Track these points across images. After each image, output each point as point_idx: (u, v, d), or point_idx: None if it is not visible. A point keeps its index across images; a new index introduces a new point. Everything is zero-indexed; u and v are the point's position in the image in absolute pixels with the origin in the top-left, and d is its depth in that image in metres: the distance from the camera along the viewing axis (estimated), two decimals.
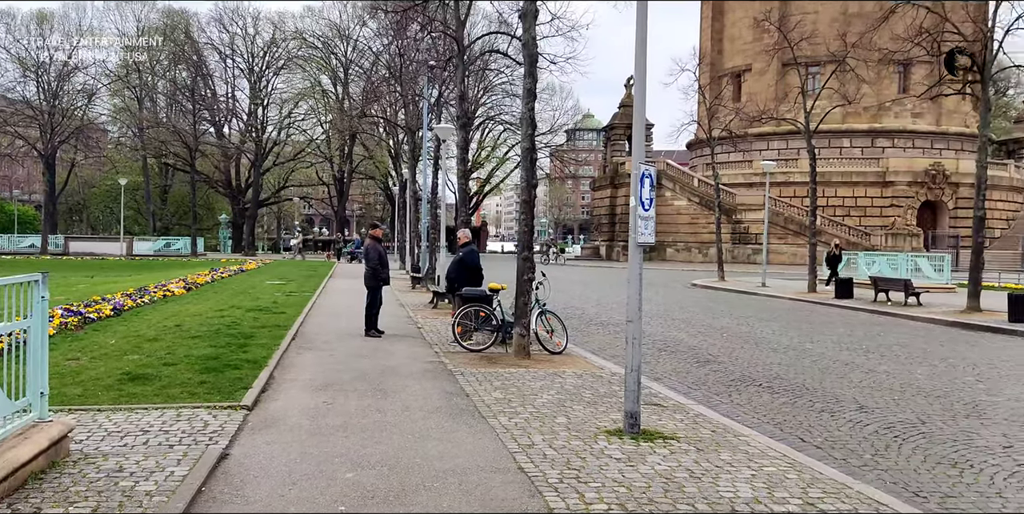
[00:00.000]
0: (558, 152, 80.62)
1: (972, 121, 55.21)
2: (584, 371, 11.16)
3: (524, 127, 12.23)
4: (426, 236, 28.32)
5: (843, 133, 57.39)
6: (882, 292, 25.33)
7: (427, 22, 20.79)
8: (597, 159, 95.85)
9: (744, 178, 57.73)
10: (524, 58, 12.41)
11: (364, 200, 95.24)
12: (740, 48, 62.34)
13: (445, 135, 23.53)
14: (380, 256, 15.27)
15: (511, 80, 60.24)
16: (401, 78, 30.10)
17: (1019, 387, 11.08)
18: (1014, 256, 50.58)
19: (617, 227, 64.11)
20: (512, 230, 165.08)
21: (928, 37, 23.93)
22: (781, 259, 51.09)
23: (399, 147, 41.01)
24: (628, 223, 7.82)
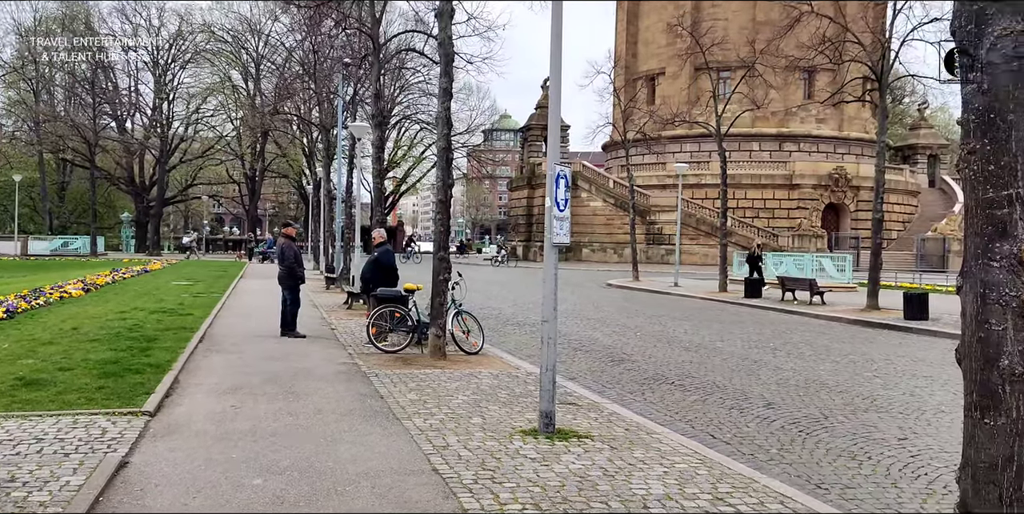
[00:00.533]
0: (475, 152, 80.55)
1: (871, 127, 57.52)
2: (500, 371, 11.14)
3: (440, 126, 12.14)
4: (340, 236, 27.90)
5: (752, 137, 59.06)
6: (789, 291, 26.13)
7: (342, 19, 20.45)
8: (514, 160, 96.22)
9: (658, 180, 58.83)
10: (440, 57, 12.32)
11: (277, 199, 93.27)
12: (654, 52, 63.50)
13: (360, 133, 23.21)
14: (296, 255, 15.00)
15: (428, 79, 59.80)
16: (315, 75, 29.56)
17: (913, 381, 11.55)
18: (909, 256, 52.95)
19: (534, 227, 64.49)
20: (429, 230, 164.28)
21: (830, 46, 24.85)
22: (693, 259, 52.24)
23: (313, 145, 40.31)
24: (544, 223, 7.82)
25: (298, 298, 14.86)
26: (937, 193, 65.75)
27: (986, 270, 3.18)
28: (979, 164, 3.07)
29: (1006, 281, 3.13)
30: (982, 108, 3.05)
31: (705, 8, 59.53)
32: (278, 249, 15.36)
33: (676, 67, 56.37)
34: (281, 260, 14.91)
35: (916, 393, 10.62)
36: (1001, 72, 2.99)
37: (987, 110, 3.03)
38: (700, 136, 53.99)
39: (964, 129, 3.18)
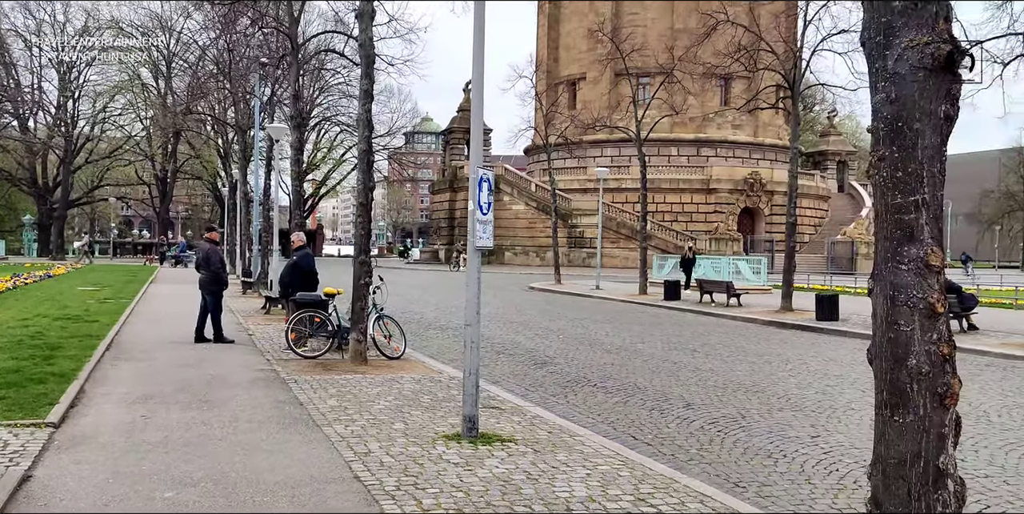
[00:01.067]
0: (396, 155, 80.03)
1: (784, 134, 59.32)
2: (423, 376, 11.05)
3: (361, 129, 11.99)
4: (258, 239, 27.30)
5: (671, 142, 60.17)
6: (707, 294, 26.70)
7: (258, 17, 19.99)
8: (436, 163, 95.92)
9: (579, 184, 59.41)
10: (361, 59, 12.17)
11: (190, 201, 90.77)
12: (575, 57, 64.14)
13: (278, 135, 22.75)
14: (222, 259, 14.70)
15: (348, 81, 59.19)
16: (230, 74, 28.83)
17: (825, 381, 11.92)
18: (821, 259, 54.76)
19: (456, 231, 64.37)
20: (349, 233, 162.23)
21: (746, 54, 25.53)
22: (614, 262, 52.91)
23: (229, 146, 39.33)
24: (467, 227, 7.80)
25: (220, 304, 14.53)
26: (846, 198, 68.17)
27: (895, 273, 3.29)
28: (888, 171, 3.18)
29: (914, 283, 3.25)
30: (891, 117, 3.16)
31: (625, 15, 60.44)
32: (202, 253, 14.83)
33: (597, 72, 57.04)
34: (207, 265, 14.45)
35: (827, 392, 10.95)
36: (908, 82, 3.10)
37: (895, 119, 3.14)
38: (621, 141, 54.73)
39: (874, 137, 3.29)
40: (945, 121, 3.08)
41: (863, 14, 3.25)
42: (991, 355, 14.78)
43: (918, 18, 3.01)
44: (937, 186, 3.14)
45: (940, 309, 3.29)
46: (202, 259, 14.65)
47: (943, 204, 3.22)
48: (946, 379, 3.38)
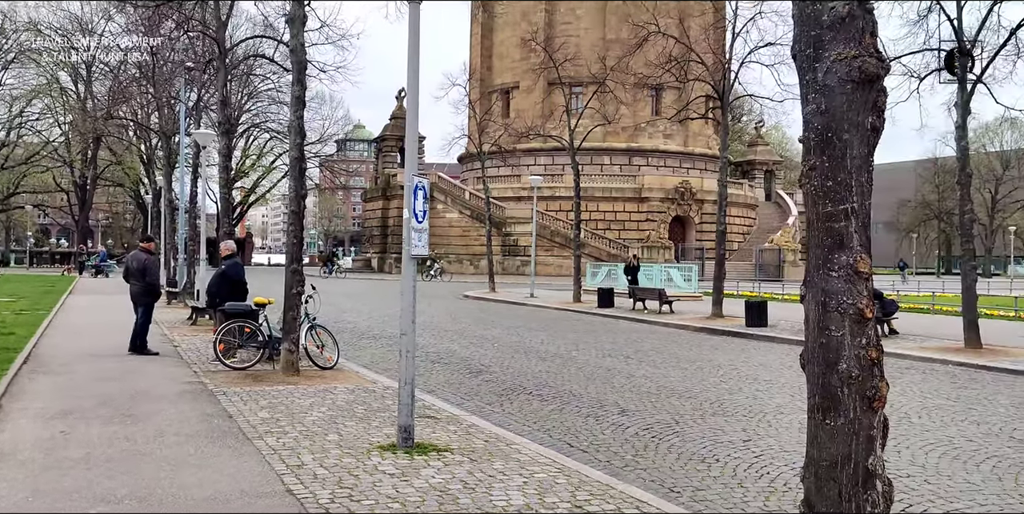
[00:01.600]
0: (328, 162, 79.13)
1: (714, 143, 60.53)
2: (356, 386, 10.91)
3: (292, 136, 11.81)
4: (184, 248, 26.64)
5: (604, 151, 60.83)
6: (640, 301, 27.01)
7: (184, 21, 19.51)
8: (368, 170, 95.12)
9: (513, 192, 59.61)
10: (292, 65, 12.00)
11: (111, 209, 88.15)
12: (509, 66, 64.44)
13: (205, 141, 22.23)
14: (157, 270, 14.34)
15: (278, 87, 58.28)
16: (154, 79, 28.07)
17: (755, 385, 12.16)
18: (749, 266, 55.99)
19: (390, 239, 63.89)
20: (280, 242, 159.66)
21: (676, 65, 26.02)
22: (548, 270, 53.18)
23: (152, 153, 38.31)
24: (401, 235, 7.73)
25: (151, 315, 14.16)
26: (773, 206, 69.88)
27: (826, 279, 3.37)
28: (819, 180, 3.26)
29: (844, 289, 3.33)
30: (821, 127, 3.24)
31: (558, 25, 61.01)
32: (138, 264, 14.24)
33: (530, 81, 57.42)
34: (142, 276, 13.98)
35: (758, 396, 11.16)
36: (837, 94, 3.19)
37: (825, 129, 3.22)
38: (554, 149, 55.16)
39: (805, 147, 3.37)
40: (872, 132, 3.18)
41: (794, 28, 3.33)
42: (911, 358, 15.29)
43: (846, 32, 3.10)
44: (865, 195, 3.23)
45: (869, 314, 3.38)
46: (137, 270, 14.06)
47: (870, 213, 3.32)
48: (875, 382, 3.47)
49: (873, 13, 3.12)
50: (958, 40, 15.83)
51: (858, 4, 3.09)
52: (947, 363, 14.69)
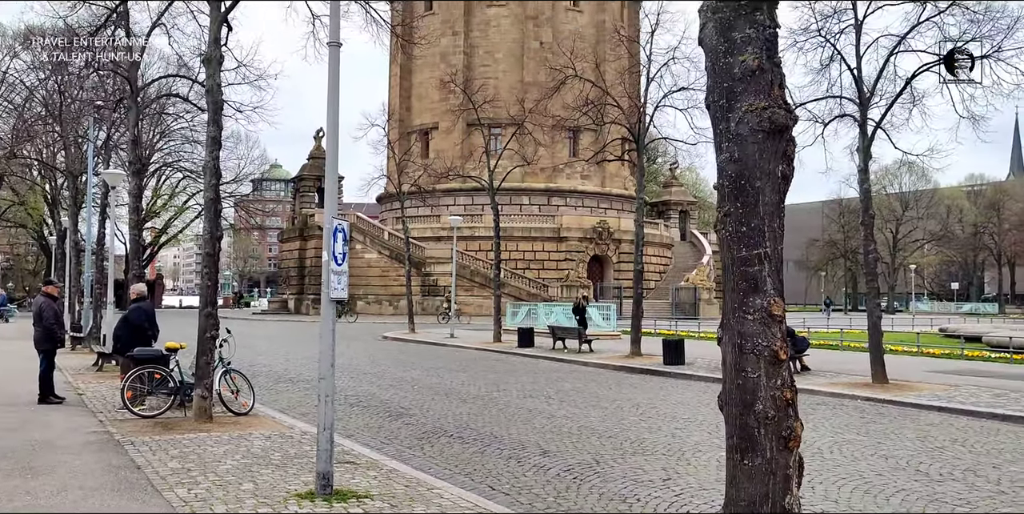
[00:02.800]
0: (243, 202, 77.73)
1: (630, 184, 61.81)
2: (273, 432, 10.60)
3: (208, 176, 11.59)
4: (89, 291, 25.64)
5: (523, 191, 61.44)
6: (559, 340, 27.13)
7: (93, 59, 19.02)
8: (285, 210, 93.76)
9: (433, 232, 59.53)
10: (208, 105, 11.82)
11: (12, 251, 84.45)
12: (428, 107, 64.83)
13: (115, 182, 21.55)
14: (56, 315, 13.73)
15: (192, 125, 57.13)
16: (61, 117, 27.18)
17: (674, 424, 12.30)
18: (666, 305, 56.97)
19: (307, 279, 62.85)
20: (192, 283, 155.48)
21: (593, 108, 26.62)
22: (468, 310, 53.02)
23: (58, 193, 36.98)
24: (318, 275, 7.62)
25: (53, 361, 13.60)
26: (688, 246, 71.52)
27: (742, 322, 3.47)
28: (733, 226, 3.37)
29: (759, 332, 3.43)
30: (734, 175, 3.37)
31: (477, 67, 61.81)
32: (35, 308, 13.93)
33: (450, 122, 57.81)
34: (38, 320, 13.51)
35: (677, 435, 11.29)
36: (749, 143, 3.32)
37: (738, 177, 3.35)
38: (474, 190, 55.43)
39: (720, 194, 3.48)
40: (783, 180, 3.32)
41: (707, 79, 3.47)
42: (822, 394, 15.73)
43: (756, 85, 3.24)
44: (777, 240, 3.36)
45: (783, 356, 3.48)
46: (35, 314, 13.74)
47: (783, 256, 3.44)
48: (790, 423, 3.56)
49: (781, 67, 3.28)
50: (858, 89, 16.68)
51: (767, 58, 3.24)
52: (856, 398, 15.16)
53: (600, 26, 62.38)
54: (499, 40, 62.69)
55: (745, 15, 3.13)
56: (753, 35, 3.20)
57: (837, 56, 17.16)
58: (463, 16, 62.56)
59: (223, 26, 12.20)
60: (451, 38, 62.63)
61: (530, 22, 61.97)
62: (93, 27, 17.22)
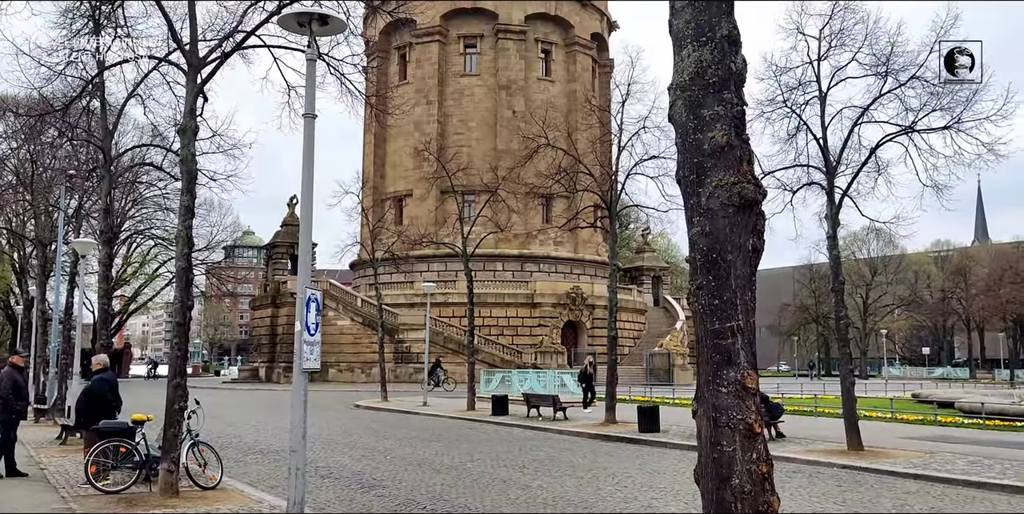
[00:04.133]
0: (215, 269, 77.18)
1: (603, 250, 62.30)
2: (241, 507, 10.31)
3: (180, 246, 11.54)
4: (55, 361, 25.12)
5: (496, 257, 61.62)
6: (534, 407, 26.84)
7: (67, 128, 19.08)
8: (257, 277, 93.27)
9: (406, 298, 59.29)
10: (182, 174, 11.86)
11: None
12: (402, 174, 65.38)
13: (85, 250, 21.33)
14: (15, 386, 13.41)
15: (165, 193, 56.92)
16: (32, 186, 27.04)
17: (651, 493, 12.12)
18: (640, 371, 56.79)
19: (278, 347, 62.05)
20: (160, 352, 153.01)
21: (566, 175, 27.02)
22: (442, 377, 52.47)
23: (26, 261, 36.53)
24: (290, 343, 7.56)
25: (12, 434, 13.23)
26: (661, 311, 71.74)
27: (716, 395, 3.47)
28: (706, 299, 3.41)
29: (734, 405, 3.42)
30: (706, 249, 3.42)
31: (451, 135, 62.71)
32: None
33: (423, 189, 58.25)
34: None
35: (653, 505, 11.11)
36: (720, 218, 3.38)
37: (710, 250, 3.40)
38: (447, 256, 55.57)
39: (692, 267, 3.52)
40: (753, 253, 3.37)
41: (678, 154, 3.55)
42: (798, 462, 15.62)
43: (725, 160, 3.32)
44: (750, 313, 3.39)
45: (758, 429, 3.47)
46: None
47: (755, 329, 3.47)
48: (766, 497, 3.52)
49: (749, 143, 3.37)
50: (824, 158, 17.12)
51: (736, 135, 3.33)
52: (832, 466, 15.06)
53: (572, 95, 63.80)
54: (472, 109, 63.82)
55: (713, 93, 3.23)
56: (721, 112, 3.30)
57: (803, 126, 17.66)
58: (437, 86, 63.74)
59: (199, 97, 12.35)
60: (425, 107, 63.66)
61: (503, 91, 63.24)
62: (68, 97, 17.30)
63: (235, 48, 12.76)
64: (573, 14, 65.94)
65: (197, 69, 12.26)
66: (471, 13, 63.92)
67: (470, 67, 64.91)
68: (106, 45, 16.06)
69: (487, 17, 63.88)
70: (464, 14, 63.96)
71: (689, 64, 3.25)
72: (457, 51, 64.90)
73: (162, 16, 12.88)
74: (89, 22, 15.96)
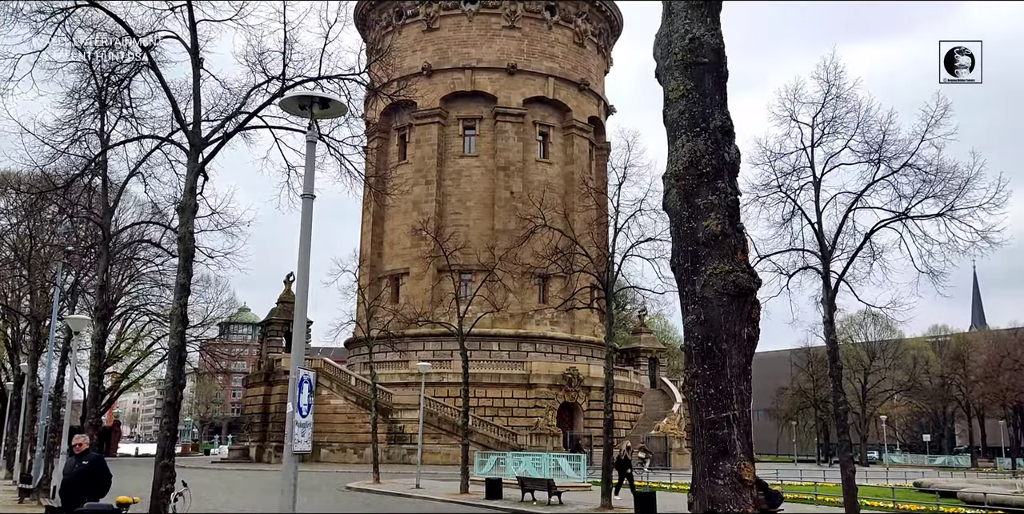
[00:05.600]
0: (209, 346, 76.58)
1: (600, 331, 62.05)
2: None
3: (174, 324, 11.49)
4: (43, 439, 24.64)
5: (492, 337, 61.25)
6: (528, 492, 26.22)
7: (68, 205, 19.24)
8: (251, 354, 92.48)
9: (401, 378, 58.67)
10: (180, 252, 11.92)
11: None
12: (399, 252, 65.65)
13: (79, 327, 21.19)
14: None
15: (162, 269, 57.02)
16: (30, 263, 27.06)
17: None
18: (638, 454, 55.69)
19: (270, 426, 60.95)
20: (151, 430, 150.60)
21: (562, 256, 27.18)
22: (435, 459, 51.42)
23: (19, 337, 36.26)
24: (282, 422, 7.44)
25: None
26: (658, 393, 70.89)
27: (712, 487, 3.37)
28: (701, 388, 3.36)
29: (730, 498, 3.32)
30: (701, 337, 3.39)
31: (448, 214, 63.27)
32: None
33: (420, 268, 58.44)
34: None
35: None
36: (715, 306, 3.37)
37: (705, 339, 3.37)
38: (443, 335, 55.28)
39: (687, 355, 3.49)
40: (748, 342, 3.35)
41: (672, 242, 3.57)
42: None
43: (720, 249, 3.34)
44: (745, 403, 3.34)
45: None
46: None
47: (751, 419, 3.41)
48: None
49: (743, 231, 3.40)
50: (820, 243, 17.25)
51: (730, 224, 3.36)
52: None
53: (569, 177, 64.76)
54: (471, 189, 64.60)
55: (707, 183, 3.27)
56: (715, 201, 3.33)
57: (798, 211, 17.87)
58: (436, 166, 64.68)
59: (199, 175, 12.52)
60: (424, 186, 64.46)
61: (501, 172, 64.16)
62: (70, 175, 17.53)
63: (237, 128, 13.02)
64: (571, 98, 67.55)
65: (199, 149, 12.47)
66: (471, 96, 65.46)
67: (469, 148, 66.06)
68: (110, 124, 16.36)
69: (486, 100, 65.41)
70: (464, 97, 65.49)
71: (683, 154, 3.30)
72: (456, 132, 66.17)
73: (167, 97, 13.18)
74: (95, 102, 16.30)
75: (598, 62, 71.56)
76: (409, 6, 67.06)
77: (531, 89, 65.74)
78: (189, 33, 13.38)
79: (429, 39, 66.17)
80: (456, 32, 66.16)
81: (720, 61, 3.74)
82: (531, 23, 66.24)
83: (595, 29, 69.82)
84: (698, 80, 3.49)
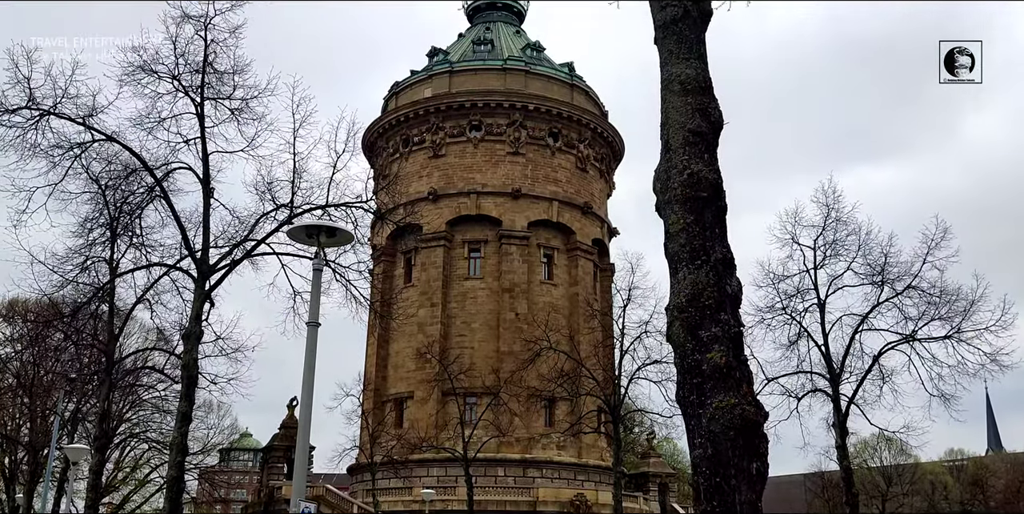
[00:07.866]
0: (208, 473, 74.49)
1: (608, 455, 60.35)
2: None
3: (173, 453, 11.27)
4: None
5: (498, 462, 59.60)
6: None
7: (73, 333, 19.25)
8: (252, 481, 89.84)
9: (404, 505, 56.65)
10: (183, 379, 11.84)
11: None
12: (404, 375, 64.95)
13: (77, 457, 20.70)
14: None
15: (164, 395, 56.42)
16: (32, 390, 26.79)
17: None
18: None
19: None
20: None
21: (568, 379, 26.93)
22: None
23: (16, 467, 35.39)
24: None
25: None
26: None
27: None
28: None
29: None
30: (710, 472, 3.32)
31: (453, 337, 62.98)
32: None
33: (425, 392, 57.68)
34: None
35: None
36: (722, 440, 3.32)
37: (713, 474, 3.30)
38: (447, 460, 53.86)
39: (695, 490, 3.40)
40: (758, 477, 3.26)
41: (677, 375, 3.55)
42: None
43: (725, 382, 3.32)
44: None
45: None
46: None
47: None
48: None
49: (748, 364, 3.38)
50: (827, 365, 17.08)
51: (734, 356, 3.35)
52: None
53: (574, 299, 64.88)
54: (476, 311, 64.61)
55: (710, 315, 3.29)
56: (719, 333, 3.34)
57: (804, 333, 17.79)
58: (441, 288, 64.97)
59: (206, 302, 12.60)
60: (429, 309, 64.50)
61: (506, 294, 64.34)
62: (76, 302, 17.65)
63: (245, 255, 13.23)
64: (574, 221, 68.66)
65: (206, 276, 12.62)
66: (475, 220, 66.60)
67: (474, 270, 66.57)
68: (120, 252, 16.63)
69: (491, 223, 66.50)
70: (469, 220, 66.63)
71: (685, 287, 3.34)
72: (462, 255, 66.90)
73: (177, 226, 13.46)
74: (106, 231, 16.64)
75: (601, 185, 73.26)
76: (416, 134, 69.37)
77: (535, 212, 66.96)
78: (201, 164, 13.84)
79: (435, 165, 68.08)
80: (462, 158, 68.12)
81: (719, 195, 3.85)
82: (535, 149, 68.26)
83: (597, 154, 71.87)
84: (697, 214, 3.58)
